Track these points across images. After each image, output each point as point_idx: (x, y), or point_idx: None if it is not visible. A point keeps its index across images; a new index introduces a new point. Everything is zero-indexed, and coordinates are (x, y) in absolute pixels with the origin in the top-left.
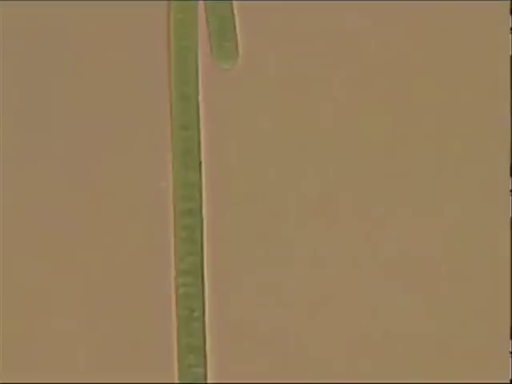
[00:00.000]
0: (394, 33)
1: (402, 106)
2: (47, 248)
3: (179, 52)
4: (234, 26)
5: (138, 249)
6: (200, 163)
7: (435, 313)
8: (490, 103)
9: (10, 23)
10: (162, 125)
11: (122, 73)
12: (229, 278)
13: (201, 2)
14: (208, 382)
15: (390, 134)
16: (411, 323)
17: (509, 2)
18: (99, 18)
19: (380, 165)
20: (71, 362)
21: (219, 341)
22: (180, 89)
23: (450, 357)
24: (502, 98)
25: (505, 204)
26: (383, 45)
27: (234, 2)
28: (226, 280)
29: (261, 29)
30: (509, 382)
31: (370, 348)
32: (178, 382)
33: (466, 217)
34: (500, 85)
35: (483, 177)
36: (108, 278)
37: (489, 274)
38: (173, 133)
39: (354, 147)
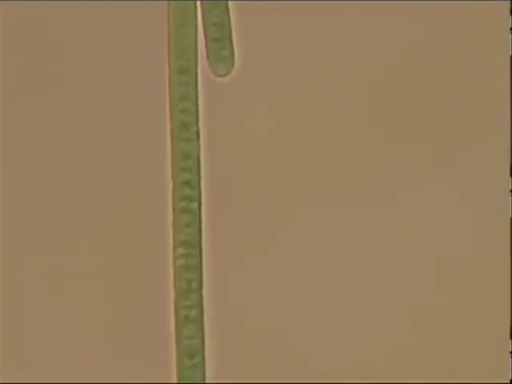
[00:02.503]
0: (393, 33)
1: (402, 106)
2: (44, 237)
3: (178, 25)
4: (231, 33)
5: (136, 228)
6: (198, 135)
7: (435, 313)
8: (490, 103)
9: (10, 23)
10: (160, 96)
11: (121, 54)
12: (227, 250)
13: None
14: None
15: (389, 134)
16: (411, 323)
17: (509, 2)
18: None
19: (379, 166)
20: (71, 361)
21: (216, 314)
22: (178, 62)
23: (450, 357)
24: (502, 98)
25: (505, 204)
26: (383, 46)
27: (231, 2)
28: (223, 252)
29: (258, 34)
30: (509, 382)
31: (370, 347)
32: (174, 353)
33: (466, 216)
34: (500, 85)
35: (483, 176)
36: (106, 258)
37: (489, 274)
38: (171, 104)
39: (353, 151)
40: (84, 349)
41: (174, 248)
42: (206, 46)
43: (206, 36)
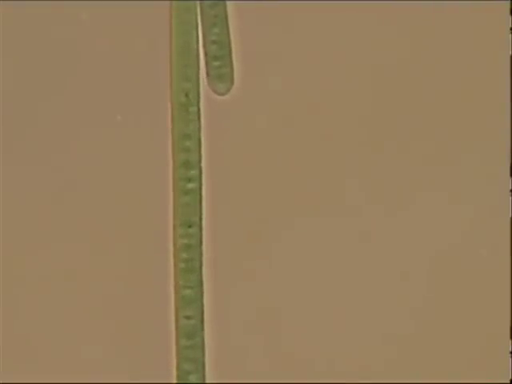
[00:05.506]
0: (393, 33)
1: (402, 106)
2: (44, 237)
3: (179, 8)
4: (231, 51)
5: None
6: (199, 116)
7: (435, 312)
8: (490, 103)
9: (10, 23)
10: (161, 79)
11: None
12: (227, 231)
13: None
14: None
15: (389, 135)
16: (411, 323)
17: (509, 2)
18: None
19: (379, 168)
20: (71, 361)
21: (215, 294)
22: (180, 42)
23: (449, 357)
24: (502, 98)
25: (505, 204)
26: (382, 46)
27: (231, 7)
28: (224, 232)
29: (258, 50)
30: (509, 382)
31: (370, 347)
32: (174, 333)
33: (466, 217)
34: (500, 85)
35: (483, 177)
36: (106, 250)
37: (489, 273)
38: (172, 85)
39: (354, 154)
40: (84, 334)
41: (174, 228)
42: (206, 64)
43: (205, 54)
